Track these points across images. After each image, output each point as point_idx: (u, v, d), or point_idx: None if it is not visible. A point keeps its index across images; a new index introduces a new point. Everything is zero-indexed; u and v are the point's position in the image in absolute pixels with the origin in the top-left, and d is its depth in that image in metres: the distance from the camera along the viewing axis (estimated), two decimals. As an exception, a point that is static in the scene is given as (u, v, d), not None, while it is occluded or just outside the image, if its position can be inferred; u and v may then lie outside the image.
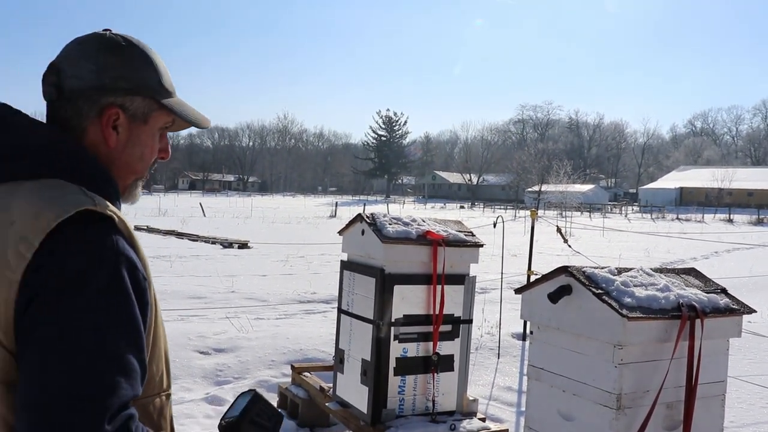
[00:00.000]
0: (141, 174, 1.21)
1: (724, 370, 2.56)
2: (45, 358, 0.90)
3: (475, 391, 4.88)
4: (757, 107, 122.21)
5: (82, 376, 0.90)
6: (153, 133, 1.19)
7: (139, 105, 1.15)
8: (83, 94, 1.11)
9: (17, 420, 0.90)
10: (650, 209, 60.10)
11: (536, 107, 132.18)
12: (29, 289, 0.93)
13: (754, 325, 7.05)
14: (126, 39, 1.17)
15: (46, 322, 0.91)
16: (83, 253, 0.96)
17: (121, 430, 0.91)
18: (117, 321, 0.96)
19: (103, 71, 1.12)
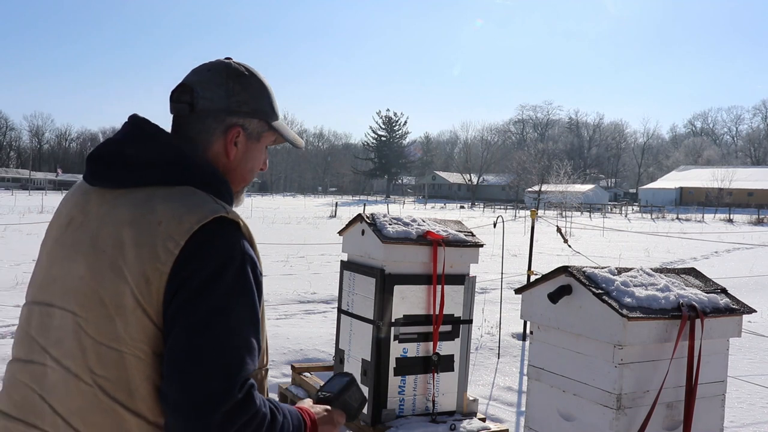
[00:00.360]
0: (248, 183, 1.43)
1: (724, 370, 2.56)
2: (191, 337, 1.11)
3: (475, 391, 4.88)
4: (757, 107, 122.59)
5: (220, 352, 1.12)
6: (262, 150, 1.43)
7: (255, 126, 1.38)
8: (213, 113, 1.34)
9: (165, 383, 1.12)
10: (650, 209, 60.10)
11: (536, 107, 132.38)
12: (177, 281, 1.14)
13: (754, 325, 7.05)
14: (248, 69, 1.40)
15: (192, 308, 1.13)
16: (219, 253, 1.17)
17: (247, 396, 1.12)
18: (244, 309, 1.18)
19: (231, 96, 1.35)
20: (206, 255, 1.16)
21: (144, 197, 1.22)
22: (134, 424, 1.15)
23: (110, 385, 1.15)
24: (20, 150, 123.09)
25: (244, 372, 1.14)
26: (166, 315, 1.15)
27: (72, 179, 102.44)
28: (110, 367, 1.15)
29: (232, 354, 1.13)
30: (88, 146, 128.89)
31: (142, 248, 1.16)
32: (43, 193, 60.25)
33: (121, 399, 1.15)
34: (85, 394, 1.15)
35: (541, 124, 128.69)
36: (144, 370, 1.15)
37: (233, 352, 1.13)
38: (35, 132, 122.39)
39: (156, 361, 1.16)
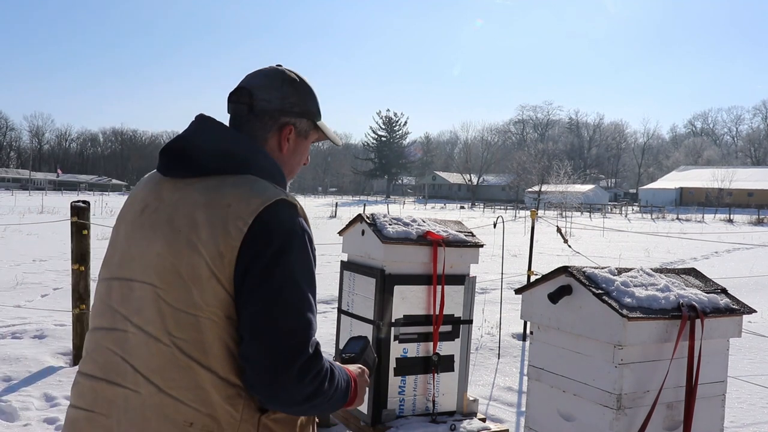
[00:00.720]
0: (294, 175, 1.64)
1: (725, 370, 2.56)
2: (268, 305, 1.30)
3: (475, 391, 4.88)
4: (757, 107, 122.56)
5: (293, 316, 1.31)
6: (308, 146, 1.63)
7: (303, 125, 1.59)
8: (269, 113, 1.54)
9: (246, 346, 1.30)
10: (650, 209, 60.10)
11: (536, 107, 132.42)
12: (248, 255, 1.32)
13: (754, 325, 7.05)
14: (298, 76, 1.60)
15: (266, 280, 1.31)
16: (284, 230, 1.36)
17: (316, 352, 1.33)
18: (308, 279, 1.37)
19: (285, 98, 1.55)
20: (273, 232, 1.35)
21: (214, 184, 1.41)
22: (207, 378, 1.32)
23: (186, 345, 1.32)
24: (20, 150, 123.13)
25: (311, 332, 1.33)
26: (237, 284, 1.33)
27: (72, 179, 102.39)
28: (187, 329, 1.32)
29: (302, 317, 1.32)
30: (88, 146, 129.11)
31: (215, 227, 1.34)
32: (44, 194, 60.26)
33: (196, 357, 1.32)
34: (164, 354, 1.32)
35: (542, 125, 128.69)
36: (217, 332, 1.33)
37: (303, 316, 1.32)
38: (35, 132, 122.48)
39: (227, 324, 1.33)
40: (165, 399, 1.32)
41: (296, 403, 1.31)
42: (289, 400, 1.31)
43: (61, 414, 4.15)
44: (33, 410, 4.22)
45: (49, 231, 17.01)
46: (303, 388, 1.30)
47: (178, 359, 1.32)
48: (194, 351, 1.32)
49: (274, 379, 1.28)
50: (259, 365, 1.28)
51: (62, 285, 8.60)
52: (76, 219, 5.22)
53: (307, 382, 1.30)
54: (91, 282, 5.39)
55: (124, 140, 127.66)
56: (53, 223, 16.30)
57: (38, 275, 9.72)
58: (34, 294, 8.17)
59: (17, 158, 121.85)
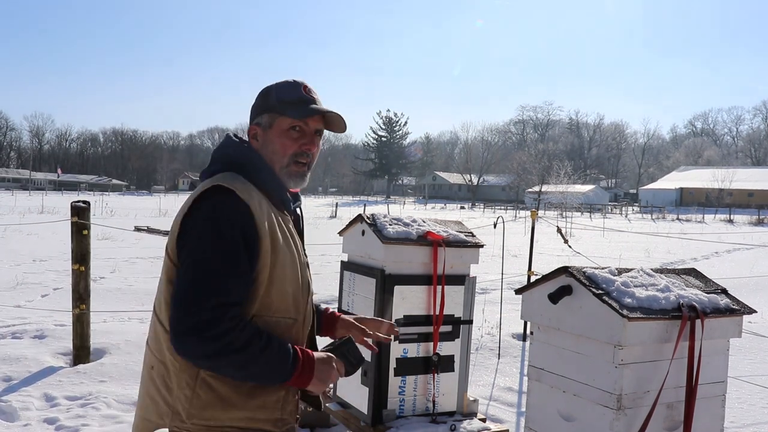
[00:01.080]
0: (283, 163, 1.75)
1: (725, 371, 2.56)
2: (179, 279, 1.57)
3: (475, 391, 4.88)
4: (758, 108, 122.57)
5: (193, 287, 1.53)
6: (278, 134, 1.75)
7: (265, 119, 1.77)
8: (251, 122, 1.81)
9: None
10: (650, 210, 60.09)
11: (536, 108, 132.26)
12: (183, 232, 1.61)
13: (754, 326, 7.05)
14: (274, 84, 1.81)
15: (183, 257, 1.59)
16: (204, 214, 1.60)
17: (217, 311, 1.51)
18: (216, 257, 1.56)
19: (254, 108, 1.81)
20: (197, 215, 1.61)
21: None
22: (161, 331, 1.64)
23: (157, 306, 1.68)
24: (20, 150, 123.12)
25: (210, 301, 1.51)
26: (177, 255, 1.62)
27: (73, 180, 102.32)
28: (159, 291, 1.68)
29: (199, 288, 1.53)
30: (88, 146, 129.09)
31: (180, 210, 1.66)
32: (44, 194, 60.26)
33: (157, 313, 1.67)
34: (152, 317, 1.71)
35: (542, 125, 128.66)
36: (165, 293, 1.64)
37: (200, 287, 1.53)
38: (35, 132, 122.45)
39: (170, 286, 1.62)
40: (146, 348, 1.72)
41: (196, 357, 1.53)
42: (186, 354, 1.53)
43: (61, 414, 4.15)
44: (33, 410, 4.22)
45: (50, 231, 17.01)
46: (200, 346, 1.50)
47: (153, 318, 1.69)
48: (157, 308, 1.67)
49: (174, 336, 1.52)
50: (170, 324, 1.55)
51: (62, 285, 8.60)
52: (76, 219, 5.22)
53: (205, 341, 1.49)
54: (91, 282, 5.39)
55: (125, 140, 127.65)
56: (53, 223, 16.30)
57: (38, 275, 9.72)
58: (35, 294, 8.17)
59: (17, 158, 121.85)
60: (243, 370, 1.54)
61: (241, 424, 1.60)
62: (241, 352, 1.51)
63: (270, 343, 1.56)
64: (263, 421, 1.63)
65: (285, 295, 1.68)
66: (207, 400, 1.58)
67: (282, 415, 1.67)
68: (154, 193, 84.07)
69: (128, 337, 5.79)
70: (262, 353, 1.54)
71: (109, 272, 10.23)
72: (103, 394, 4.50)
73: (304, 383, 1.62)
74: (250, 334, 1.54)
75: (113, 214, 29.22)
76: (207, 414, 1.58)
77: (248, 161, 1.72)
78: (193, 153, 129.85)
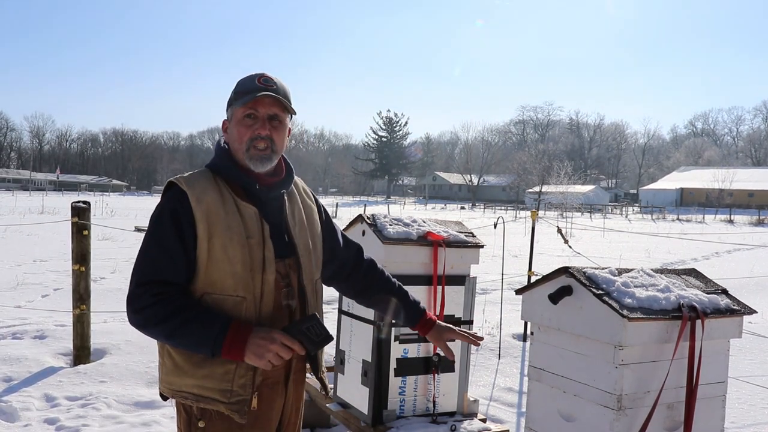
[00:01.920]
0: (243, 148, 1.88)
1: (725, 371, 2.56)
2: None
3: (475, 392, 4.88)
4: (758, 108, 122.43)
5: (135, 269, 1.79)
6: (237, 122, 1.89)
7: (229, 113, 1.94)
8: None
9: None
10: (651, 210, 60.07)
11: (537, 108, 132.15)
12: None
13: (754, 326, 7.05)
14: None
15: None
16: (158, 203, 1.84)
17: (136, 293, 1.75)
18: (152, 242, 1.79)
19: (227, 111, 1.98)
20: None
21: None
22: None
23: None
24: (21, 151, 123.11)
25: (140, 278, 1.75)
26: None
27: (73, 180, 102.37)
28: None
29: (136, 269, 1.78)
30: (89, 147, 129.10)
31: None
32: (44, 194, 60.26)
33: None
34: None
35: (542, 125, 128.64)
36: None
37: (137, 268, 1.78)
38: (36, 133, 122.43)
39: None
40: None
41: (133, 326, 1.77)
42: (132, 323, 1.77)
43: (61, 414, 4.15)
44: (33, 411, 4.22)
45: (50, 231, 17.03)
46: (131, 317, 1.75)
47: None
48: None
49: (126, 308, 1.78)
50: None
51: (63, 285, 8.61)
52: (76, 219, 5.22)
53: (133, 314, 1.74)
54: (91, 282, 5.39)
55: (125, 141, 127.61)
56: (54, 224, 16.31)
57: (39, 276, 9.73)
58: (35, 294, 8.17)
59: (18, 159, 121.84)
60: (171, 339, 1.73)
61: (193, 391, 1.77)
62: (161, 324, 1.71)
63: (197, 317, 1.71)
64: (211, 390, 1.76)
65: (228, 274, 1.79)
66: (169, 367, 1.81)
67: (232, 387, 1.76)
68: (155, 194, 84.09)
69: (128, 338, 5.79)
70: (184, 325, 1.70)
71: (109, 272, 10.24)
72: (103, 394, 4.50)
73: (237, 356, 1.71)
74: (173, 308, 1.71)
75: (113, 214, 29.23)
76: (169, 379, 1.81)
77: (215, 155, 1.94)
78: (194, 153, 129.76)
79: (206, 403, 1.77)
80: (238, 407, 1.77)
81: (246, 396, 1.78)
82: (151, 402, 4.44)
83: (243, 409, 1.78)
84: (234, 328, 1.71)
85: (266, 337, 1.71)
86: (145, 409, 4.35)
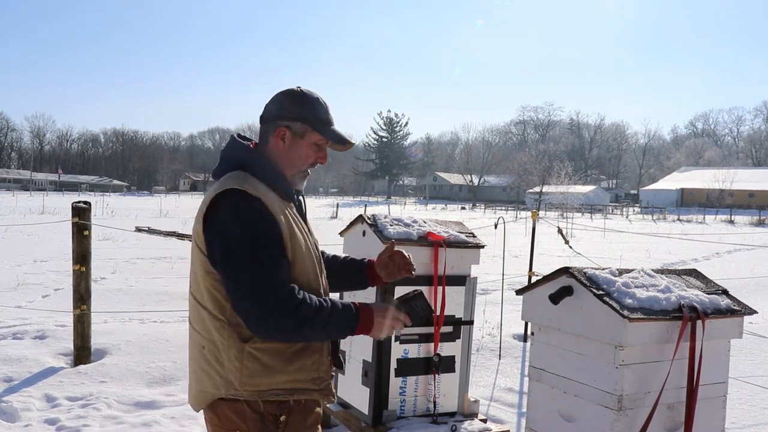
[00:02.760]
0: (300, 168, 1.99)
1: (726, 371, 2.56)
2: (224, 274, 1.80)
3: (476, 392, 4.88)
4: (758, 108, 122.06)
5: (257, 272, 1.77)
6: (307, 145, 1.97)
7: (298, 127, 1.95)
8: (271, 119, 1.97)
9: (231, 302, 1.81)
10: (651, 210, 60.05)
11: (537, 108, 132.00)
12: (207, 231, 1.84)
13: (755, 326, 7.05)
14: (300, 89, 1.99)
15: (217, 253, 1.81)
16: (223, 214, 1.82)
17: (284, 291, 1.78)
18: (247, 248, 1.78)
19: (283, 107, 1.96)
20: (217, 216, 1.82)
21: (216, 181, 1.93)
22: (205, 314, 1.86)
23: (194, 291, 1.91)
24: (21, 151, 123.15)
25: (275, 288, 1.77)
26: (208, 251, 1.83)
27: (73, 180, 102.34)
28: (193, 281, 1.91)
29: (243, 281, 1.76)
30: (89, 147, 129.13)
31: (199, 211, 1.88)
32: (45, 194, 60.30)
33: (198, 299, 1.89)
34: (190, 300, 1.94)
35: (543, 125, 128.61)
36: (203, 282, 1.86)
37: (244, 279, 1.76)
38: (36, 133, 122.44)
39: (209, 276, 1.85)
40: (191, 330, 1.93)
41: (283, 332, 1.77)
42: (273, 335, 1.79)
43: (62, 414, 4.15)
44: (34, 411, 4.22)
45: (50, 232, 17.03)
46: (283, 323, 1.75)
47: (193, 302, 1.91)
48: (197, 295, 1.89)
49: (255, 324, 1.77)
50: (242, 316, 1.79)
51: (63, 286, 8.61)
52: (77, 220, 5.22)
53: (286, 318, 1.75)
54: (91, 282, 5.39)
55: (125, 141, 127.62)
56: (54, 224, 16.31)
57: (39, 276, 9.73)
58: (35, 294, 8.18)
59: (18, 159, 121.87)
60: (324, 329, 1.81)
61: (286, 386, 1.86)
62: (317, 317, 1.79)
63: (333, 305, 1.83)
64: (303, 381, 1.88)
65: (306, 273, 1.91)
66: (254, 369, 1.82)
67: (318, 374, 1.91)
68: (155, 194, 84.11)
69: (129, 338, 5.79)
70: (331, 314, 1.81)
71: (110, 273, 10.24)
72: (104, 394, 4.50)
73: (366, 331, 1.88)
74: (317, 302, 1.81)
75: (114, 214, 29.24)
76: (256, 381, 1.83)
77: (255, 162, 1.93)
78: (194, 153, 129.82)
79: (299, 394, 1.89)
80: (327, 391, 1.95)
81: (329, 380, 1.96)
82: (152, 402, 4.45)
83: (330, 390, 1.97)
84: (362, 309, 1.87)
85: (384, 314, 1.89)
86: (146, 409, 4.35)
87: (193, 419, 4.11)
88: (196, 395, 1.92)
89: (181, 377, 4.90)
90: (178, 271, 10.85)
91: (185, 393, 4.56)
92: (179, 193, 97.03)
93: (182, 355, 5.34)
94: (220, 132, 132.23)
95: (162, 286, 9.06)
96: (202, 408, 1.92)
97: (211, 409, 1.89)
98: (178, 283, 9.35)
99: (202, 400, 1.90)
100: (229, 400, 1.85)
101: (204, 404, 1.90)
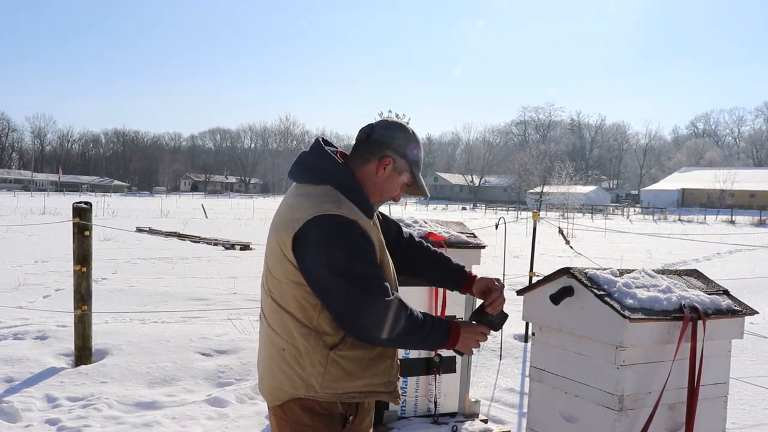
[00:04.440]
0: (383, 199, 2.09)
1: (726, 372, 2.56)
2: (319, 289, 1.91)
3: (476, 392, 4.88)
4: (759, 108, 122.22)
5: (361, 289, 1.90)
6: (399, 182, 2.08)
7: (401, 163, 2.05)
8: (379, 144, 2.04)
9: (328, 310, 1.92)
10: (652, 210, 60.02)
11: (538, 109, 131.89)
12: (298, 247, 1.90)
13: (756, 327, 7.04)
14: (413, 131, 2.10)
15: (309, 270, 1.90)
16: (315, 235, 1.88)
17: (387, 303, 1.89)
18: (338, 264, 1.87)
19: (394, 139, 2.04)
20: (309, 236, 1.89)
21: (303, 190, 1.99)
22: (289, 320, 1.95)
23: (277, 298, 1.98)
24: (22, 151, 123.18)
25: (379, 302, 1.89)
26: (299, 264, 1.91)
27: (74, 180, 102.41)
28: (277, 288, 1.97)
29: (366, 298, 1.88)
30: (90, 147, 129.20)
31: (287, 224, 1.93)
32: (45, 195, 60.29)
33: (282, 305, 1.97)
34: (270, 303, 2.01)
35: (543, 126, 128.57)
36: (290, 291, 1.94)
37: (366, 298, 1.88)
38: (37, 133, 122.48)
39: (297, 287, 1.93)
40: (270, 330, 2.01)
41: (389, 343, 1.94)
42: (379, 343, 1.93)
43: (63, 415, 4.16)
44: (35, 411, 4.23)
45: (51, 232, 17.03)
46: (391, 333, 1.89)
47: (275, 307, 1.98)
48: (281, 302, 1.97)
49: (361, 334, 1.91)
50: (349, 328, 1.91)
51: (64, 286, 8.61)
52: (77, 220, 5.22)
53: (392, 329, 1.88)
54: (92, 283, 5.39)
55: (126, 141, 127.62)
56: (55, 224, 16.30)
57: (40, 276, 9.73)
58: (36, 295, 8.18)
59: (19, 159, 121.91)
60: (424, 341, 1.98)
61: (363, 389, 2.01)
62: (422, 329, 1.93)
63: (432, 319, 1.98)
64: (378, 385, 2.04)
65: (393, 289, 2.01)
66: (336, 374, 1.96)
67: (389, 378, 2.06)
68: (156, 194, 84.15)
69: (130, 338, 5.79)
70: (434, 328, 1.96)
71: (110, 273, 10.24)
72: (104, 395, 4.50)
73: (454, 345, 2.03)
74: (419, 314, 1.95)
75: (115, 215, 29.24)
76: (337, 385, 1.97)
77: (347, 183, 2.01)
78: (195, 154, 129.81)
79: (373, 396, 2.05)
80: (395, 393, 2.11)
81: (396, 382, 2.11)
82: (153, 402, 4.44)
83: (398, 393, 2.12)
84: (453, 324, 2.02)
85: (470, 330, 2.05)
86: (147, 409, 4.35)
87: (194, 419, 4.11)
88: (272, 391, 2.03)
89: (182, 377, 4.90)
90: (179, 272, 10.85)
91: (185, 393, 4.57)
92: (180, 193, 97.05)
93: (182, 355, 5.34)
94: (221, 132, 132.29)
95: (163, 287, 9.06)
96: (276, 404, 2.03)
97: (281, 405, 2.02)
98: (178, 284, 9.35)
99: (277, 397, 2.02)
100: (303, 399, 1.98)
101: (279, 401, 2.01)
